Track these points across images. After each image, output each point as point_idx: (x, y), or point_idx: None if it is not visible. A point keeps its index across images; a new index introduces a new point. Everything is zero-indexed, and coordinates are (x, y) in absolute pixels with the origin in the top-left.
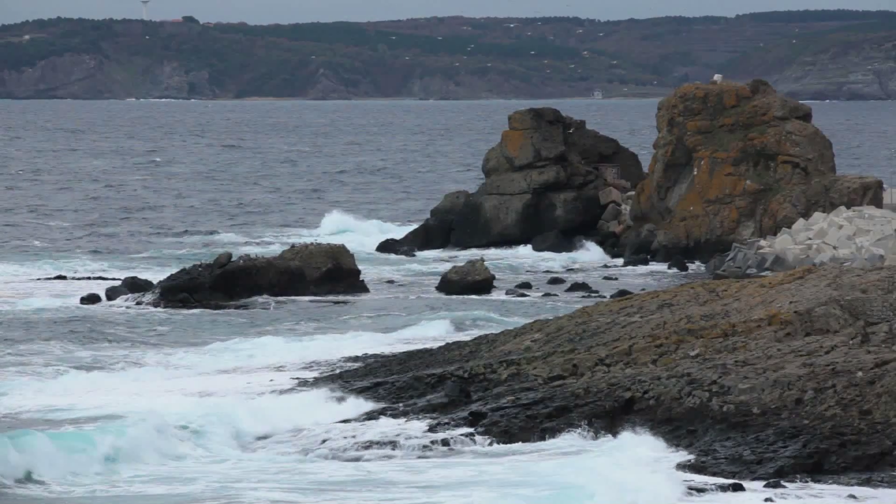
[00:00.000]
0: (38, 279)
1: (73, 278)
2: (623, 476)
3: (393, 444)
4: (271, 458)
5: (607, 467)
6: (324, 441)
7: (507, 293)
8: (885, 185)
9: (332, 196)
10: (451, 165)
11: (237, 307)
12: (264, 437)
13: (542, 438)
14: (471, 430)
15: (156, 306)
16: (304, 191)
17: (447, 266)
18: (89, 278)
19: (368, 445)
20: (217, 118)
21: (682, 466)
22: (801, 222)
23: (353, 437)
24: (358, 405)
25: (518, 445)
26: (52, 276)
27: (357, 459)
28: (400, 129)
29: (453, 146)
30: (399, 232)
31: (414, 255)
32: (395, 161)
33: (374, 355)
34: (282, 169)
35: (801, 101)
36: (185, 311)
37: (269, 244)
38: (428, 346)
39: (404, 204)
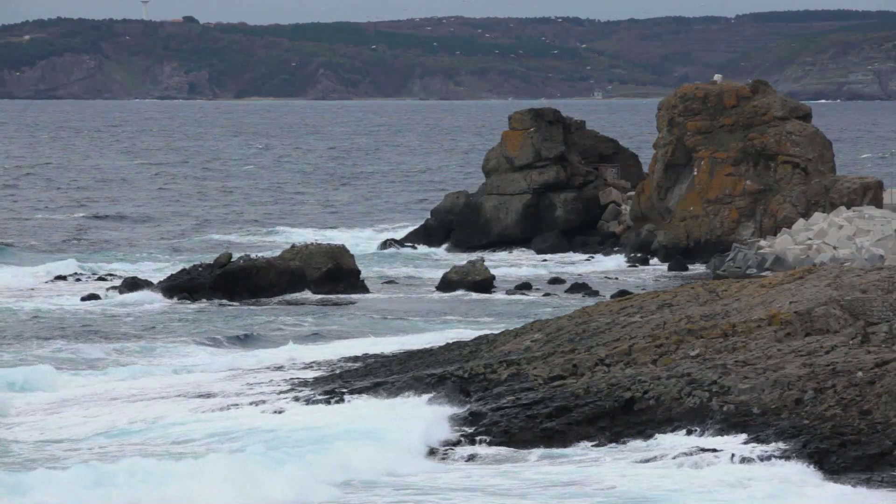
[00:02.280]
0: (40, 279)
1: (76, 279)
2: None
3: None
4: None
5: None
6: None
7: (507, 293)
8: (885, 185)
9: None
10: None
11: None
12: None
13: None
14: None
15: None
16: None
17: (447, 266)
18: (89, 278)
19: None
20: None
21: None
22: (801, 222)
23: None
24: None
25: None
26: (53, 276)
27: None
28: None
29: None
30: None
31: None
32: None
33: (375, 355)
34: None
35: (801, 101)
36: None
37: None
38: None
39: None
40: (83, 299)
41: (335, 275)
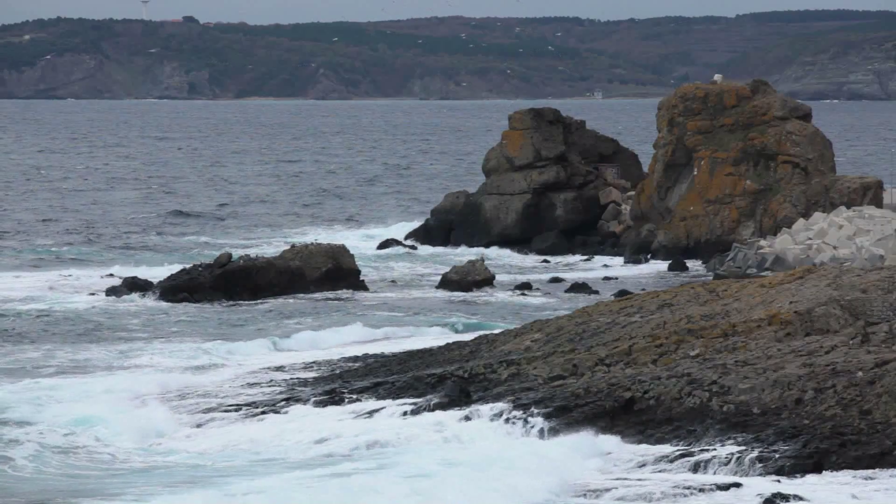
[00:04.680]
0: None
1: (103, 276)
2: None
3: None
4: None
5: None
6: None
7: (507, 293)
8: (885, 185)
9: None
10: None
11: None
12: None
13: None
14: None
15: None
16: None
17: (447, 266)
18: (90, 277)
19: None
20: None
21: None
22: (801, 222)
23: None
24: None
25: None
26: (53, 276)
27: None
28: None
29: None
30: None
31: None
32: None
33: (375, 355)
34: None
35: (801, 101)
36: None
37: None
38: None
39: None
40: (89, 294)
41: (335, 274)
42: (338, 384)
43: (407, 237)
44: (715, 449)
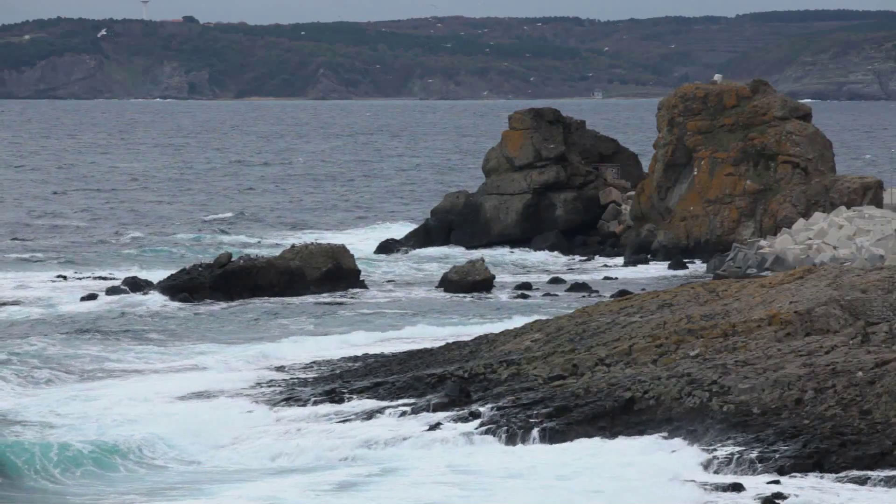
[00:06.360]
0: (48, 280)
1: (76, 278)
2: None
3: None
4: None
5: None
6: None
7: (507, 293)
8: (885, 185)
9: None
10: None
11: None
12: None
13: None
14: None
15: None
16: None
17: (447, 266)
18: (90, 278)
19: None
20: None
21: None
22: (801, 222)
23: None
24: None
25: None
26: (54, 276)
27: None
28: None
29: None
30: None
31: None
32: None
33: (375, 355)
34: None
35: (802, 101)
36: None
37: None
38: None
39: None
40: (83, 299)
41: (335, 274)
42: (338, 384)
43: (407, 237)
44: (715, 449)
